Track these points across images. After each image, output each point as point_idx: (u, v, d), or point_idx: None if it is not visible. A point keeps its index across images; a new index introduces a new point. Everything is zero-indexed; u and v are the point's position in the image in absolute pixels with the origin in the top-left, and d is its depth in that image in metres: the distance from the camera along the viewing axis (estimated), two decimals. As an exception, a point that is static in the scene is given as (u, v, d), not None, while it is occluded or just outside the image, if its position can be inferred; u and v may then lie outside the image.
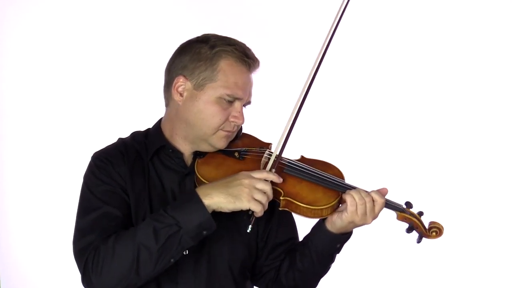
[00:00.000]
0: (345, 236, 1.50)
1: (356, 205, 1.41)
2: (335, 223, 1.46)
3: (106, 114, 2.71)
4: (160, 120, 1.59)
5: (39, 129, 2.73)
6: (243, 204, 1.34)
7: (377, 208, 1.43)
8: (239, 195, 1.34)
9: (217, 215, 1.38)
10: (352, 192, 1.43)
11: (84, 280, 1.36)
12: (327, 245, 1.51)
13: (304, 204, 1.41)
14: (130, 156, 1.50)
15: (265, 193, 1.36)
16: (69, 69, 2.72)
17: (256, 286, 1.69)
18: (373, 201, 1.43)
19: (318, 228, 1.52)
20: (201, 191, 1.35)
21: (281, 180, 1.41)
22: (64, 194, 2.38)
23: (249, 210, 1.36)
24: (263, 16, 2.75)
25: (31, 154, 2.74)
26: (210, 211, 1.34)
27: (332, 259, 1.55)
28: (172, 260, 1.34)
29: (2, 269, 2.77)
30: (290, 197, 1.42)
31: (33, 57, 2.71)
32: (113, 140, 1.58)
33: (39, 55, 2.71)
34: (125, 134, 1.60)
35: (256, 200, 1.34)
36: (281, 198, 1.43)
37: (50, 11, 2.69)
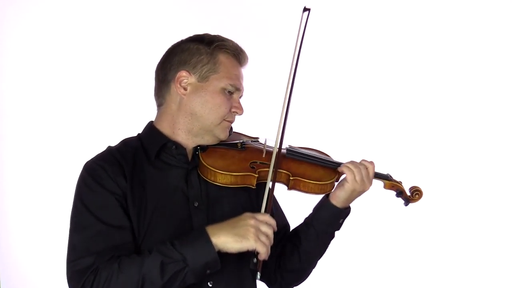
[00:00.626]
0: (347, 210, 1.60)
1: (354, 173, 1.53)
2: (339, 196, 1.56)
3: (106, 113, 2.71)
4: (150, 123, 1.59)
5: (39, 129, 2.73)
6: (250, 243, 1.36)
7: (370, 172, 1.56)
8: (246, 234, 1.37)
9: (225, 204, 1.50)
10: (347, 163, 1.57)
11: None
12: (331, 221, 1.59)
13: (312, 180, 1.56)
14: (128, 162, 1.48)
15: (267, 236, 1.39)
16: (69, 69, 2.72)
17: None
18: (366, 168, 1.55)
19: (321, 207, 1.60)
20: (209, 230, 1.37)
21: (276, 228, 1.46)
22: (64, 194, 2.38)
23: (254, 258, 1.40)
24: (263, 16, 2.76)
25: (31, 154, 2.74)
26: (216, 251, 1.36)
27: (332, 237, 1.64)
28: None
29: (2, 269, 2.77)
30: (299, 177, 1.55)
31: (33, 57, 2.71)
32: (113, 139, 1.58)
33: (39, 55, 2.71)
34: (125, 132, 1.60)
35: (261, 241, 1.37)
36: (290, 179, 1.55)
37: (50, 11, 2.70)
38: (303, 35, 1.58)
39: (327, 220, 1.58)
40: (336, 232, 1.64)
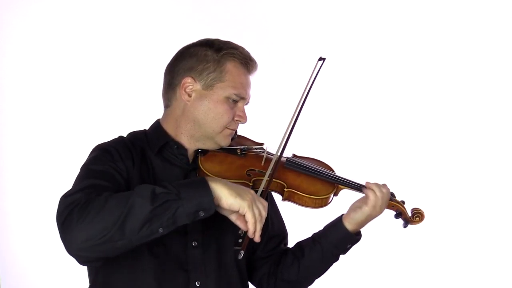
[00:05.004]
0: (357, 237, 1.59)
1: (377, 199, 1.53)
2: (353, 218, 1.56)
3: (105, 114, 2.72)
4: (158, 121, 1.61)
5: (39, 129, 2.74)
6: (244, 204, 1.31)
7: (386, 198, 1.55)
8: (243, 195, 1.33)
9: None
10: (372, 185, 1.55)
11: (63, 230, 1.25)
12: (339, 243, 1.58)
13: (307, 194, 1.53)
14: (137, 153, 1.51)
15: (260, 213, 1.34)
16: (70, 69, 2.73)
17: (249, 281, 1.70)
18: (385, 194, 1.54)
19: (333, 227, 1.60)
20: (209, 178, 1.34)
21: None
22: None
23: (239, 237, 1.39)
24: (263, 16, 2.76)
25: (31, 154, 2.75)
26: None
27: (336, 259, 1.63)
28: (160, 230, 1.26)
29: (2, 269, 2.78)
30: (293, 189, 1.53)
31: (33, 57, 2.72)
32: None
33: (39, 55, 2.72)
34: (125, 133, 1.61)
35: (253, 211, 1.33)
36: (285, 190, 1.53)
37: (50, 11, 2.71)
38: (313, 82, 1.54)
39: (336, 242, 1.58)
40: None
